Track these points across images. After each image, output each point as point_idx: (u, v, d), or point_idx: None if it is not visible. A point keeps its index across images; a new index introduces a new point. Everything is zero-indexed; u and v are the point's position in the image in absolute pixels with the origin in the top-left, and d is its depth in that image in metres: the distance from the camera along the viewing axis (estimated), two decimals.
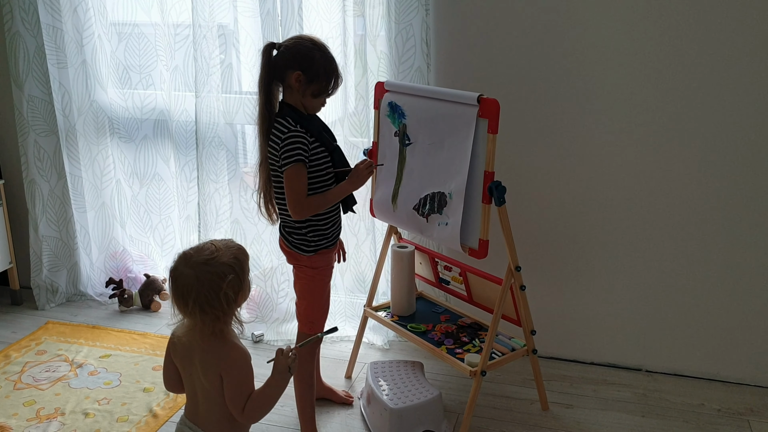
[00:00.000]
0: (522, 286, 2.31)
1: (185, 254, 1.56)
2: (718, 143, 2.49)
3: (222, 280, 1.51)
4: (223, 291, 1.51)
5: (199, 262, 1.53)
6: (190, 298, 1.51)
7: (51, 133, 3.24)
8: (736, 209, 2.54)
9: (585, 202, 2.69)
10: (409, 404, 2.32)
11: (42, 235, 3.34)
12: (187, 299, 1.51)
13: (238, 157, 3.00)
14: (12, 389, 2.66)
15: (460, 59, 2.67)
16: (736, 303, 2.63)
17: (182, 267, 1.54)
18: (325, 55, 2.14)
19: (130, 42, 3.15)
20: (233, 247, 1.59)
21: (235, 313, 1.59)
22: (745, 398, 2.62)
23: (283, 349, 1.62)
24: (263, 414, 1.61)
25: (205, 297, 1.51)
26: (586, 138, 2.61)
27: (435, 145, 2.29)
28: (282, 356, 1.61)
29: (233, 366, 1.57)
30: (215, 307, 1.52)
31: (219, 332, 1.57)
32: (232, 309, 1.56)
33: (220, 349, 1.57)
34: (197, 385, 1.61)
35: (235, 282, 1.54)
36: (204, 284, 1.51)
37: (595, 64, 2.53)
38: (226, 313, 1.55)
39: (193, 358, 1.59)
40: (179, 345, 1.63)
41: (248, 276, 1.61)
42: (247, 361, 1.59)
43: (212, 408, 1.61)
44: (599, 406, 2.57)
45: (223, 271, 1.52)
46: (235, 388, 1.57)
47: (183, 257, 1.55)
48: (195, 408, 1.64)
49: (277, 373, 1.61)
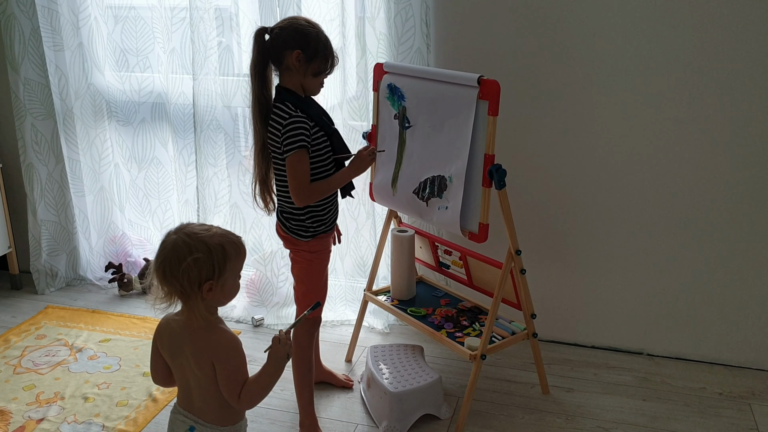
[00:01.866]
0: (522, 270, 2.29)
1: (181, 224, 1.57)
2: (722, 124, 2.46)
3: (190, 254, 1.49)
4: (186, 263, 1.48)
5: (186, 232, 1.53)
6: (159, 258, 1.51)
7: (48, 117, 3.22)
8: (740, 192, 2.51)
9: (586, 185, 2.66)
10: (409, 388, 2.31)
11: (41, 219, 3.32)
12: (157, 259, 1.52)
13: (237, 141, 2.97)
14: (12, 373, 2.66)
15: (460, 40, 2.63)
16: (738, 286, 2.62)
17: (172, 233, 1.54)
18: (321, 32, 2.12)
19: (127, 24, 3.11)
20: (228, 237, 1.56)
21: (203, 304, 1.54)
22: (747, 381, 2.61)
23: (280, 338, 1.60)
24: (260, 400, 1.59)
25: (169, 263, 1.49)
26: (588, 120, 2.58)
27: (435, 128, 2.26)
28: (279, 344, 1.59)
29: (224, 353, 1.55)
30: (175, 276, 1.49)
31: (205, 317, 1.54)
32: (193, 292, 1.51)
33: (209, 338, 1.56)
34: (189, 375, 1.59)
35: (204, 264, 1.49)
36: (174, 251, 1.50)
37: (598, 45, 2.49)
38: (185, 293, 1.51)
39: (182, 348, 1.57)
40: (166, 336, 1.61)
41: (231, 275, 1.55)
42: (238, 347, 1.57)
43: (207, 397, 1.59)
44: (600, 390, 2.57)
45: (196, 247, 1.49)
46: (229, 375, 1.55)
47: (179, 225, 1.56)
48: (188, 398, 1.62)
49: (274, 361, 1.58)
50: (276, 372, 1.58)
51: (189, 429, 1.61)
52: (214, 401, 1.59)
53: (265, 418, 2.40)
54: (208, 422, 1.61)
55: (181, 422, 1.62)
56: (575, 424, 2.37)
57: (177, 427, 1.63)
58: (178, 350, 1.59)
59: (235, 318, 3.10)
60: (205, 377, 1.56)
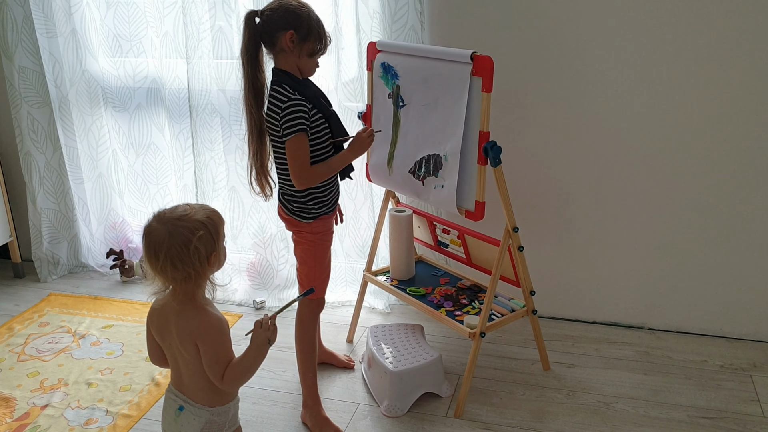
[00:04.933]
0: (520, 247, 2.29)
1: (159, 212, 1.55)
2: (722, 96, 2.43)
3: (193, 234, 1.50)
4: (193, 245, 1.49)
5: (172, 218, 1.52)
6: (161, 252, 1.50)
7: (44, 105, 3.21)
8: (740, 163, 2.49)
9: (584, 160, 2.64)
10: (409, 367, 2.32)
11: (40, 207, 3.33)
12: (159, 254, 1.50)
13: (232, 124, 2.96)
14: (16, 361, 2.68)
15: (455, 17, 2.60)
16: (739, 258, 2.60)
17: (155, 223, 1.52)
18: (312, 12, 2.09)
19: (119, 9, 3.08)
20: (207, 209, 1.58)
21: (209, 277, 1.58)
22: (748, 354, 2.61)
23: (263, 322, 1.60)
24: (242, 382, 1.60)
25: (176, 251, 1.49)
26: (583, 95, 2.56)
27: (429, 106, 2.24)
28: (261, 329, 1.59)
29: (208, 334, 1.55)
30: (185, 263, 1.50)
31: (191, 298, 1.56)
32: (204, 269, 1.53)
33: (193, 318, 1.55)
34: (177, 355, 1.60)
35: (207, 239, 1.52)
36: (175, 238, 1.49)
37: (594, 18, 2.46)
38: (198, 273, 1.53)
39: (169, 328, 1.58)
40: (155, 316, 1.62)
41: (223, 241, 1.59)
42: (223, 328, 1.57)
43: (194, 376, 1.60)
44: (601, 365, 2.57)
45: (195, 227, 1.51)
46: (212, 356, 1.55)
47: (156, 215, 1.54)
48: (179, 377, 1.63)
49: (255, 346, 1.58)
50: (258, 356, 1.58)
51: (179, 408, 1.63)
52: (201, 381, 1.60)
53: (267, 400, 2.41)
54: (196, 402, 1.62)
55: (173, 401, 1.64)
56: (576, 399, 2.37)
57: (169, 406, 1.66)
58: (166, 331, 1.59)
59: (237, 301, 3.12)
60: (191, 357, 1.57)
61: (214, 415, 1.63)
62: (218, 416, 1.65)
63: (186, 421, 1.62)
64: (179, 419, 1.63)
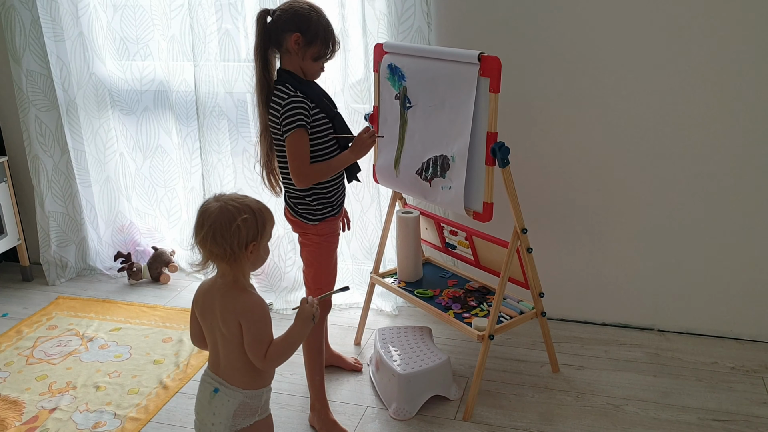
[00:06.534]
0: (529, 249, 2.27)
1: (219, 194, 1.64)
2: (732, 95, 2.41)
3: (239, 214, 1.57)
4: (236, 223, 1.56)
5: (227, 198, 1.61)
6: (206, 223, 1.57)
7: (52, 108, 3.21)
8: (752, 163, 2.47)
9: (592, 161, 2.63)
10: (417, 369, 2.31)
11: (48, 210, 3.34)
12: (204, 224, 1.57)
13: (240, 127, 2.96)
14: (24, 364, 2.69)
15: (461, 18, 2.59)
16: (749, 259, 2.58)
17: (211, 201, 1.61)
18: (322, 17, 2.10)
19: (126, 12, 3.09)
20: (262, 203, 1.65)
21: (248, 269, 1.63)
22: (759, 355, 2.59)
23: (308, 299, 1.68)
24: (283, 360, 1.65)
25: (219, 225, 1.56)
26: (592, 96, 2.54)
27: (436, 107, 2.23)
28: (307, 305, 1.67)
29: (252, 312, 1.61)
30: (225, 239, 1.56)
31: (236, 280, 1.61)
32: (241, 252, 1.58)
33: (238, 297, 1.61)
34: (217, 334, 1.65)
35: (251, 225, 1.58)
36: (223, 214, 1.57)
37: (602, 19, 2.44)
38: (234, 254, 1.58)
39: (213, 307, 1.63)
40: (200, 297, 1.67)
41: (267, 239, 1.64)
42: (265, 309, 1.64)
43: (232, 357, 1.64)
44: (611, 367, 2.55)
45: (243, 209, 1.59)
46: (255, 334, 1.61)
47: (216, 196, 1.63)
48: (216, 360, 1.68)
49: (300, 321, 1.66)
50: (302, 332, 1.66)
51: (213, 390, 1.66)
52: (238, 363, 1.64)
53: (275, 402, 2.41)
54: (232, 385, 1.65)
55: (208, 384, 1.68)
56: (585, 402, 2.36)
57: (204, 389, 1.69)
58: (208, 311, 1.65)
59: None
60: (232, 337, 1.62)
61: (247, 398, 1.67)
62: (252, 399, 1.68)
63: (220, 402, 1.66)
64: (213, 401, 1.66)
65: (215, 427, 1.66)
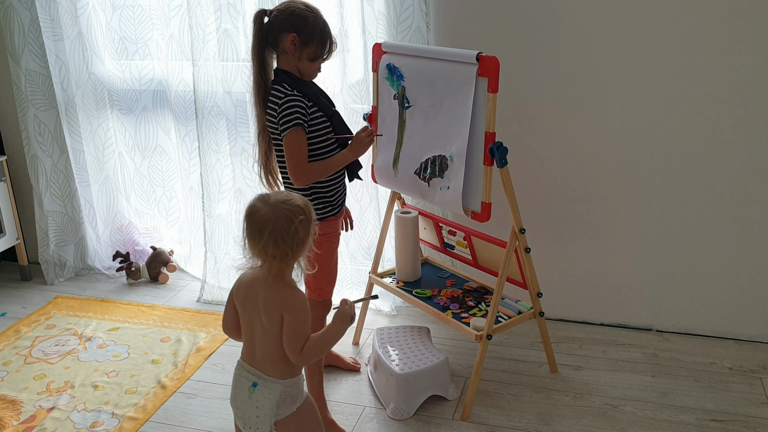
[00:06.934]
0: (527, 249, 2.27)
1: (262, 195, 1.66)
2: (731, 95, 2.41)
3: (295, 217, 1.62)
4: (294, 226, 1.61)
5: (277, 200, 1.64)
6: (266, 230, 1.60)
7: (51, 108, 3.22)
8: (749, 163, 2.47)
9: (590, 161, 2.63)
10: (415, 369, 2.31)
11: (47, 210, 3.34)
12: (264, 231, 1.60)
13: (238, 126, 2.96)
14: (23, 364, 2.68)
15: (460, 18, 2.59)
16: (747, 259, 2.58)
17: (260, 204, 1.64)
18: (319, 17, 2.11)
19: (125, 12, 3.09)
20: (305, 198, 1.69)
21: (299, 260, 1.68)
22: (758, 355, 2.59)
23: (347, 300, 1.75)
24: (316, 357, 1.70)
25: (280, 231, 1.60)
26: (590, 96, 2.54)
27: (435, 107, 2.23)
28: (347, 305, 1.73)
29: (295, 306, 1.65)
30: (286, 242, 1.61)
31: (281, 275, 1.66)
32: (298, 250, 1.64)
33: (283, 290, 1.66)
34: (256, 326, 1.68)
35: (305, 224, 1.64)
36: (280, 219, 1.61)
37: (601, 19, 2.44)
38: (293, 253, 1.64)
39: (256, 299, 1.67)
40: (242, 288, 1.71)
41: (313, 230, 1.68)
42: (307, 306, 1.67)
43: (269, 348, 1.68)
44: (609, 367, 2.55)
45: (297, 211, 1.63)
46: (295, 328, 1.65)
47: (260, 198, 1.65)
48: (252, 351, 1.72)
49: (339, 321, 1.71)
50: (340, 331, 1.71)
51: (252, 385, 1.69)
52: (275, 354, 1.68)
53: None
54: (270, 376, 1.69)
55: (245, 379, 1.71)
56: (583, 402, 2.36)
57: (241, 384, 1.72)
58: (250, 302, 1.69)
59: None
60: (273, 327, 1.66)
61: (287, 387, 1.71)
62: (291, 387, 1.72)
63: (261, 396, 1.69)
64: (254, 396, 1.69)
65: (260, 419, 1.70)
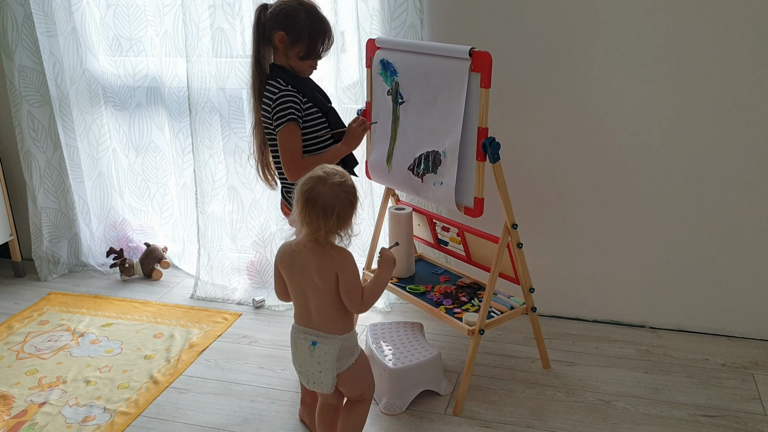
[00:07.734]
0: (519, 244, 2.28)
1: (319, 177, 1.76)
2: (728, 93, 2.42)
3: (354, 198, 1.78)
4: (354, 206, 1.78)
5: (334, 183, 1.75)
6: (333, 213, 1.73)
7: (44, 104, 3.21)
8: (743, 161, 2.48)
9: (583, 157, 2.63)
10: (408, 364, 2.31)
11: (41, 206, 3.33)
12: (331, 214, 1.73)
13: (232, 123, 2.96)
14: (14, 359, 2.68)
15: (454, 14, 2.59)
16: (741, 256, 2.59)
17: (321, 187, 1.74)
18: (313, 15, 2.10)
19: (119, 8, 3.09)
20: (346, 172, 1.82)
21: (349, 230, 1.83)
22: (750, 352, 2.59)
23: (384, 248, 1.95)
24: (374, 301, 1.87)
25: (344, 212, 1.75)
26: (583, 91, 2.55)
27: (428, 103, 2.24)
28: (387, 251, 1.93)
29: (348, 263, 1.81)
30: (347, 220, 1.77)
31: (329, 241, 1.79)
32: (350, 225, 1.80)
33: (332, 252, 1.80)
34: (309, 289, 1.82)
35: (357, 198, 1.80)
36: (342, 201, 1.74)
37: (595, 16, 2.45)
38: (348, 227, 1.80)
39: (305, 265, 1.80)
40: (287, 258, 1.84)
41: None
42: (355, 262, 1.83)
43: (327, 308, 1.82)
44: (602, 363, 2.55)
45: (352, 192, 1.78)
46: (352, 281, 1.80)
47: (318, 180, 1.75)
48: (307, 313, 1.85)
49: (384, 265, 1.91)
50: (388, 274, 1.90)
51: (312, 344, 1.82)
52: (331, 311, 1.82)
53: (265, 397, 2.40)
54: (328, 333, 1.83)
55: (303, 340, 1.84)
56: (576, 397, 2.36)
57: (300, 345, 1.85)
58: (298, 268, 1.82)
59: (236, 300, 3.11)
60: (328, 288, 1.80)
61: (345, 341, 1.85)
62: (348, 341, 1.86)
63: (322, 352, 1.82)
64: (315, 353, 1.82)
65: (323, 374, 1.84)
